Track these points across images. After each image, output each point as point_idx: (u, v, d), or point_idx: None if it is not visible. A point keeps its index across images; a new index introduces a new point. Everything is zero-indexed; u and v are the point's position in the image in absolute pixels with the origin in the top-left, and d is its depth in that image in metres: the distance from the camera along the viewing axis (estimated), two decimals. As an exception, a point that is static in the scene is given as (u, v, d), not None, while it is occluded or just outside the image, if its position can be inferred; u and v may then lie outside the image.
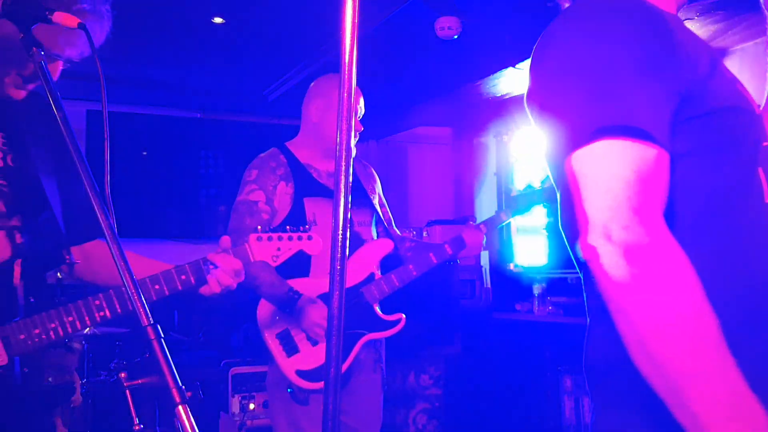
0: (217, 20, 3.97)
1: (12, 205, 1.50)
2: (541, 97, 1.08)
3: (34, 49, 1.21)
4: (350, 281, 2.50)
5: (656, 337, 0.87)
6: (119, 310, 1.53)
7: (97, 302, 1.53)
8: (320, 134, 2.59)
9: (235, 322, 5.29)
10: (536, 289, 4.63)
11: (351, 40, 0.90)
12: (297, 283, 2.44)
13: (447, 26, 3.57)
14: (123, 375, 1.60)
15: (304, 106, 2.67)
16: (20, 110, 1.57)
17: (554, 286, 4.65)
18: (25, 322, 1.47)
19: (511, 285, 5.03)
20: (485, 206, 5.91)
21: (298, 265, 2.41)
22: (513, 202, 2.78)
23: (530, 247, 5.06)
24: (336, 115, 2.50)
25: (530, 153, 5.25)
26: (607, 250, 0.90)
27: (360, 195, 2.69)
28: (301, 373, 2.42)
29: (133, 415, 1.48)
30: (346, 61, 0.90)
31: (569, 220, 1.07)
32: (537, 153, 5.21)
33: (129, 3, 3.90)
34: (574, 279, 4.46)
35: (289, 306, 2.40)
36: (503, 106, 5.28)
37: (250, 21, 3.99)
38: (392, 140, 6.37)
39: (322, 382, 2.42)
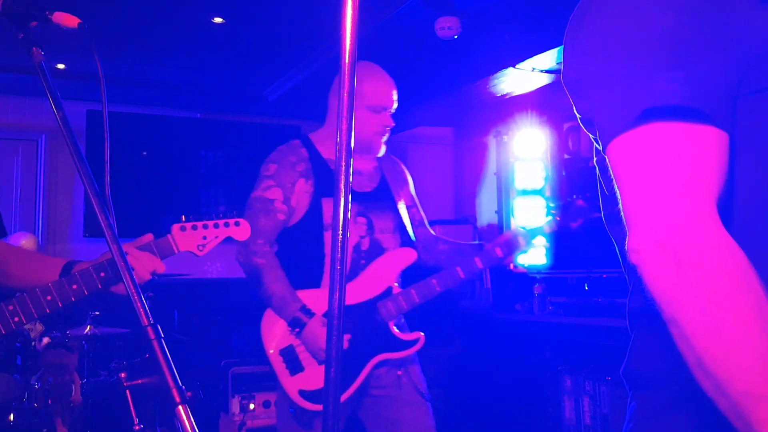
0: (217, 20, 3.97)
1: None
2: (579, 72, 0.92)
3: (34, 49, 1.21)
4: (366, 294, 2.33)
5: (717, 357, 0.76)
6: (35, 315, 1.44)
7: (11, 307, 1.46)
8: None
9: (235, 322, 5.29)
10: (536, 289, 4.63)
11: (351, 40, 0.90)
12: (307, 295, 2.27)
13: (447, 26, 3.57)
14: (123, 375, 1.61)
15: (329, 96, 2.48)
16: None
17: (554, 286, 4.64)
18: None
19: (511, 285, 5.02)
20: (485, 206, 5.91)
21: (310, 274, 2.29)
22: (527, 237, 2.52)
23: (530, 247, 5.05)
24: (361, 107, 2.42)
25: (530, 153, 5.25)
26: (658, 256, 0.78)
27: (383, 198, 2.46)
28: (304, 394, 2.22)
29: (133, 415, 1.48)
30: (346, 61, 0.90)
31: (614, 214, 0.95)
32: (537, 152, 5.21)
33: (129, 3, 3.91)
34: (574, 279, 4.46)
35: (300, 325, 2.22)
36: (503, 106, 5.28)
37: (250, 21, 3.99)
38: (392, 140, 6.36)
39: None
